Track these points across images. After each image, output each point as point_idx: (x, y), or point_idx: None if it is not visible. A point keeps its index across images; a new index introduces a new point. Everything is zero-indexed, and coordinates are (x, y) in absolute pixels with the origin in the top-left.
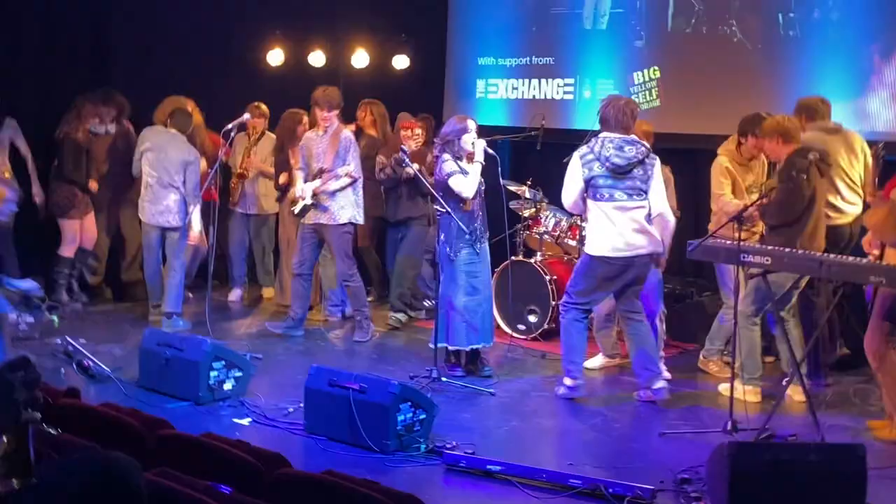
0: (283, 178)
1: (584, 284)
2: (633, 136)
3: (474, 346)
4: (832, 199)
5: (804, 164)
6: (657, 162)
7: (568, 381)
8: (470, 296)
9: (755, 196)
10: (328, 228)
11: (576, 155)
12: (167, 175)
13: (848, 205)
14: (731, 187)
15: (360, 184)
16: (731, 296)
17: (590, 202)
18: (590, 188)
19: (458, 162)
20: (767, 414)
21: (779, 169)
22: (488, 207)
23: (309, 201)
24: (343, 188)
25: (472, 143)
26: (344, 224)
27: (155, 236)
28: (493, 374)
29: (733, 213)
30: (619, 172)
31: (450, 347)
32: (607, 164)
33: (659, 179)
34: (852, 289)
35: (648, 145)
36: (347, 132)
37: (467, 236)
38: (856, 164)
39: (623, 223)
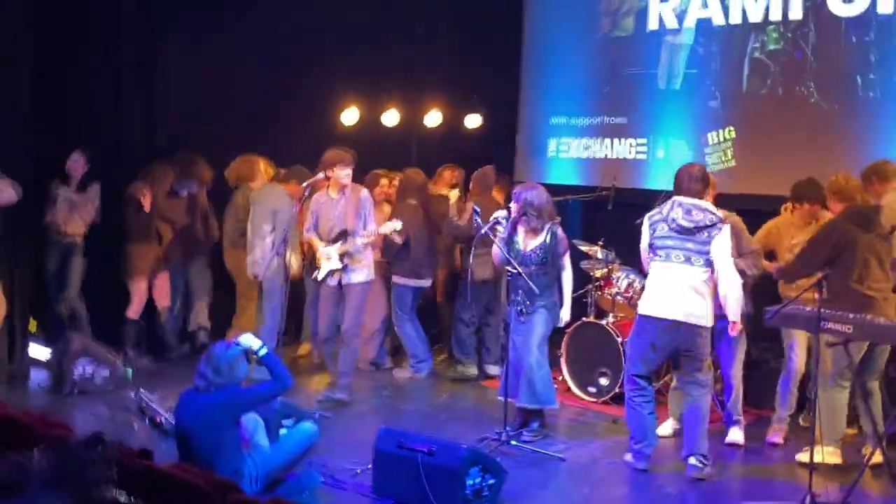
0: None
1: (635, 347)
2: (705, 203)
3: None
4: None
5: (838, 219)
6: (726, 229)
7: (627, 457)
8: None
9: None
10: (355, 287)
11: (647, 216)
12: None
13: None
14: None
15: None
16: (789, 355)
17: (651, 263)
18: (651, 249)
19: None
20: (847, 487)
21: None
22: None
23: (337, 265)
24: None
25: None
26: (370, 282)
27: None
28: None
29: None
30: (683, 233)
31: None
32: (672, 224)
33: (724, 247)
34: None
35: (720, 215)
36: (365, 191)
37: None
38: None
39: (674, 284)
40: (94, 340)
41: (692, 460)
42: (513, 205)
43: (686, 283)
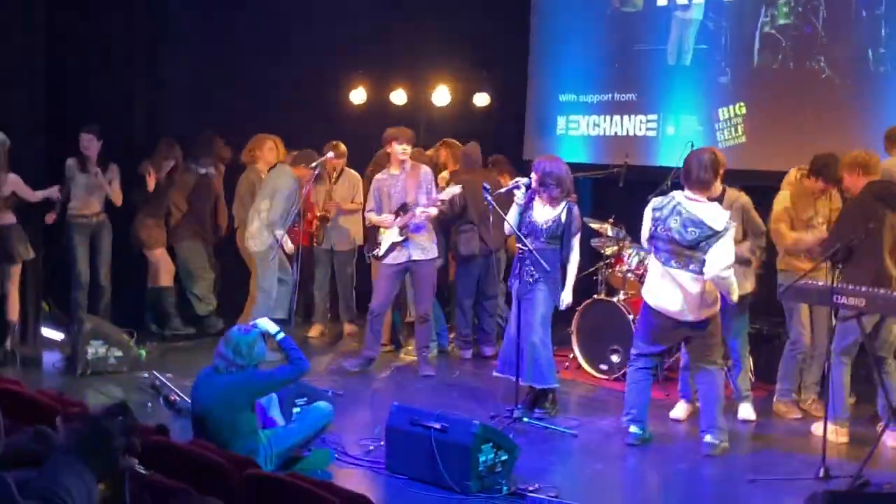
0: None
1: (644, 329)
2: (706, 209)
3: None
4: None
5: (867, 197)
6: (728, 234)
7: (632, 429)
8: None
9: (822, 229)
10: (421, 264)
11: (650, 204)
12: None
13: None
14: (790, 223)
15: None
16: (793, 329)
17: (650, 254)
18: (652, 240)
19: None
20: (861, 460)
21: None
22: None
23: (397, 238)
24: (429, 219)
25: None
26: (435, 258)
27: None
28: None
29: (808, 246)
30: (679, 246)
31: (538, 387)
32: (667, 234)
33: (723, 245)
34: None
35: (723, 220)
36: (426, 167)
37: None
38: None
39: (671, 291)
40: (110, 321)
41: (707, 437)
42: (533, 175)
43: (685, 285)
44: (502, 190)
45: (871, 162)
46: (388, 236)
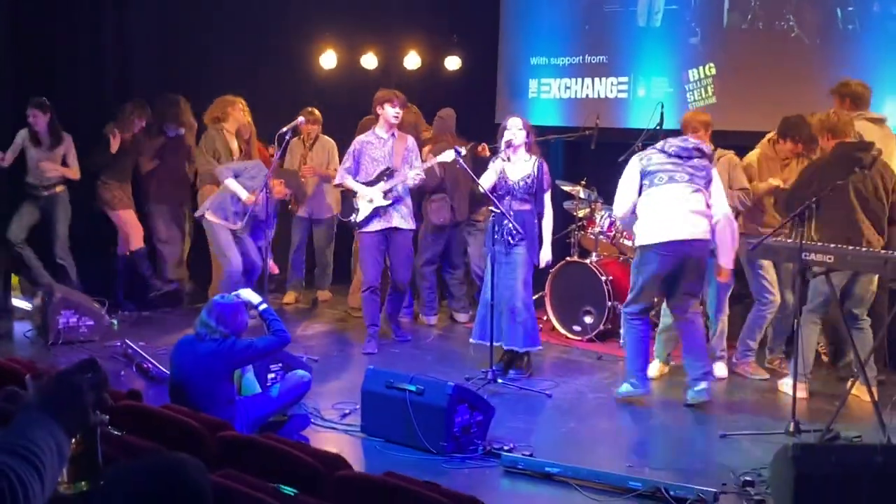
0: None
1: (637, 282)
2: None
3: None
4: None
5: (833, 157)
6: (716, 169)
7: (626, 386)
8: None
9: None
10: (402, 232)
11: (634, 157)
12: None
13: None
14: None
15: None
16: (764, 293)
17: (644, 194)
18: (646, 178)
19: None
20: (831, 415)
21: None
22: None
23: (382, 202)
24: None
25: None
26: (413, 229)
27: None
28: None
29: (758, 194)
30: (681, 157)
31: (520, 350)
32: (671, 150)
33: (718, 182)
34: None
35: (710, 148)
36: (412, 137)
37: None
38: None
39: (680, 206)
40: (79, 290)
41: (703, 385)
42: (518, 133)
43: (691, 203)
44: (492, 158)
45: (840, 124)
46: (368, 205)
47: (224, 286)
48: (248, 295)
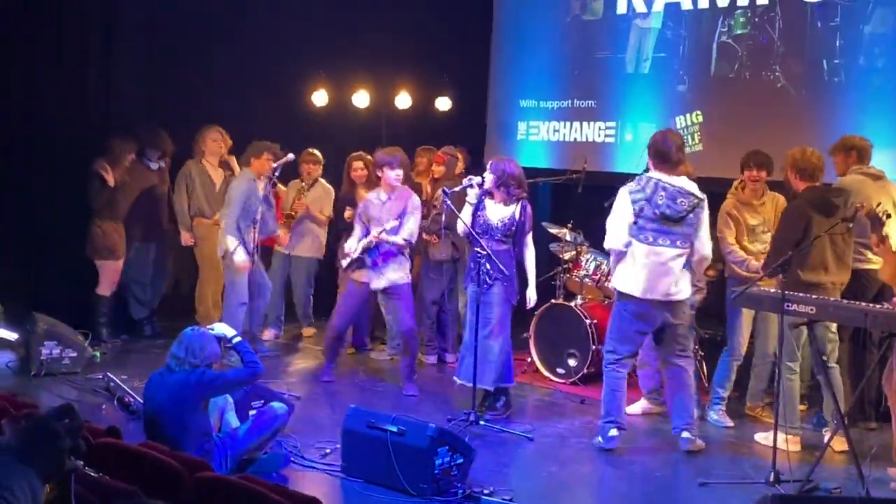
0: (348, 213)
1: (620, 327)
2: (688, 185)
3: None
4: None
5: (802, 205)
6: (705, 204)
7: (598, 439)
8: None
9: (767, 237)
10: (401, 288)
11: (624, 190)
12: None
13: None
14: (735, 232)
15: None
16: (733, 337)
17: (632, 240)
18: (634, 226)
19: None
20: (810, 465)
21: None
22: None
23: (356, 255)
24: (397, 250)
25: None
26: (410, 281)
27: None
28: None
29: (739, 264)
30: (669, 220)
31: (490, 388)
32: (657, 211)
33: (706, 224)
34: None
35: (699, 193)
36: (417, 198)
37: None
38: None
39: (659, 270)
40: (62, 322)
41: (686, 434)
42: (487, 175)
43: (671, 264)
44: (457, 188)
45: (804, 159)
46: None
47: (229, 316)
48: (223, 329)
